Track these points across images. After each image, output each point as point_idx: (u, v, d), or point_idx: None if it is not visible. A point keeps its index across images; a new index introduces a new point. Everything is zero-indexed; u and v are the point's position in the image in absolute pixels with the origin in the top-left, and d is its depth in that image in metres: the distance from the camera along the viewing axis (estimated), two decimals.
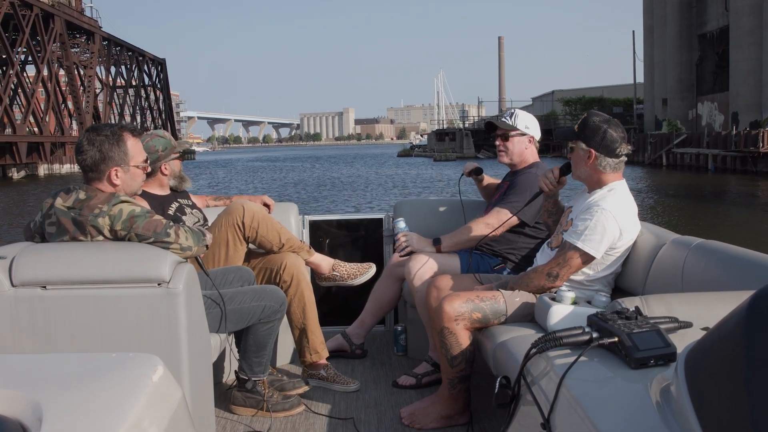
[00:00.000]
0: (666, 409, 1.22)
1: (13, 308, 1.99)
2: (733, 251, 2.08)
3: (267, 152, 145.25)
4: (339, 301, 3.83)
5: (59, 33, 48.44)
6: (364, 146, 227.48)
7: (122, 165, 2.18)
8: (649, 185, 26.38)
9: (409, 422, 2.59)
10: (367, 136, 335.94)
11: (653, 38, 44.28)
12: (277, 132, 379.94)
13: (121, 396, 1.29)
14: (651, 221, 2.38)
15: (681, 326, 1.61)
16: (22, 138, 40.62)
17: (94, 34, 57.16)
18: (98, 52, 57.75)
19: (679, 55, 40.70)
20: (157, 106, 77.15)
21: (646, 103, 47.35)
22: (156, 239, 2.11)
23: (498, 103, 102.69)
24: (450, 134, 66.04)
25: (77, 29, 55.58)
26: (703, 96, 39.85)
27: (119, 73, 67.80)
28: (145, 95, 73.60)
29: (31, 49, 45.22)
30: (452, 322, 2.36)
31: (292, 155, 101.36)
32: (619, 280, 2.48)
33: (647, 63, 46.73)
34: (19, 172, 40.67)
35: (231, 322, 2.50)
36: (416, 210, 3.58)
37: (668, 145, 34.34)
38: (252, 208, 2.91)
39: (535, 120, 3.16)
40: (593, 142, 2.34)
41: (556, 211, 2.68)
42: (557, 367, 1.52)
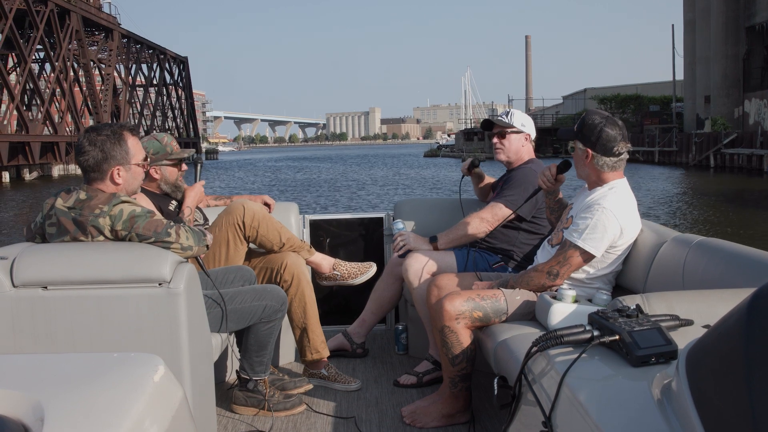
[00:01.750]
0: (667, 406, 1.22)
1: (14, 309, 1.99)
2: (733, 249, 2.08)
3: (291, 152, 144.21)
4: (340, 301, 3.83)
5: (75, 29, 47.09)
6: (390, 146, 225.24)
7: (124, 164, 2.19)
8: (696, 189, 24.37)
9: (410, 421, 2.59)
10: (393, 135, 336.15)
11: (695, 32, 41.88)
12: (303, 132, 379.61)
13: (123, 396, 1.29)
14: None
15: (682, 324, 1.61)
16: (36, 138, 39.47)
17: (112, 31, 55.75)
18: (117, 50, 56.31)
19: (725, 49, 38.12)
20: (178, 105, 75.74)
21: (686, 100, 44.97)
22: (157, 239, 2.11)
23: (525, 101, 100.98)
24: (479, 134, 64.02)
25: (95, 26, 54.16)
26: (751, 92, 37.04)
27: (140, 71, 66.22)
28: (166, 94, 72.19)
29: (46, 46, 44.08)
30: (453, 321, 2.36)
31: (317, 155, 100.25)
32: (620, 278, 2.48)
33: (688, 58, 44.35)
34: (32, 172, 39.67)
35: (232, 321, 2.50)
36: (416, 209, 3.59)
37: (716, 145, 32.29)
38: (252, 207, 2.91)
39: (530, 119, 3.22)
40: (589, 142, 2.34)
41: (558, 208, 2.69)
42: (558, 366, 1.52)
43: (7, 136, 37.34)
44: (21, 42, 40.23)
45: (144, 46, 65.40)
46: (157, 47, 68.41)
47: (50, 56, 44.97)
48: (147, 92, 67.99)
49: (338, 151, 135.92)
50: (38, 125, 41.24)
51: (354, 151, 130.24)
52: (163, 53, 70.32)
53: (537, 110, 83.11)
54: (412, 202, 3.76)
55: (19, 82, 42.15)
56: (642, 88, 65.19)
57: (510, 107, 19.72)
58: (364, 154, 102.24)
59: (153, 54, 68.10)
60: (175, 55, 74.68)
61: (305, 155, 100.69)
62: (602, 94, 62.61)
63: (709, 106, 39.65)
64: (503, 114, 3.19)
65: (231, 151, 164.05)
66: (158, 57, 69.28)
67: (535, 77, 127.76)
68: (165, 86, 71.85)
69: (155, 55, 68.56)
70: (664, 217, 16.44)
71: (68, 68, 46.58)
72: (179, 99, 76.00)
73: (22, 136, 38.82)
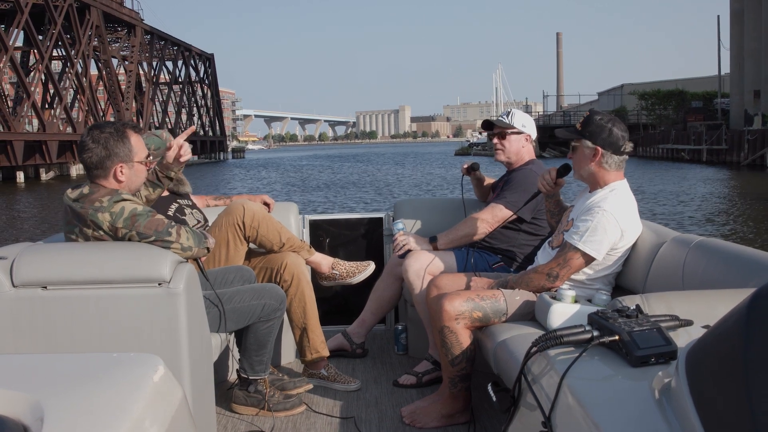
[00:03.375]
0: (667, 407, 1.22)
1: (14, 308, 1.99)
2: (733, 249, 2.08)
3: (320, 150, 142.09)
4: (339, 301, 3.83)
5: (96, 25, 45.61)
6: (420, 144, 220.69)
7: (127, 161, 2.21)
8: (750, 192, 21.09)
9: (410, 421, 2.59)
10: (422, 133, 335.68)
11: (743, 24, 38.81)
12: (333, 130, 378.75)
13: (122, 396, 1.29)
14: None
15: (682, 324, 1.61)
16: (53, 136, 37.70)
17: (135, 26, 54.10)
18: (140, 46, 54.68)
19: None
20: (204, 103, 74.23)
21: (732, 96, 41.82)
22: (157, 238, 2.11)
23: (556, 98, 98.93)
24: None
25: (117, 22, 52.75)
26: None
27: (164, 68, 64.34)
28: (191, 92, 70.48)
29: (65, 42, 41.94)
30: (453, 321, 2.36)
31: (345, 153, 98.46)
32: (619, 279, 2.48)
33: (735, 51, 41.11)
34: (48, 172, 38.36)
35: (231, 321, 2.50)
36: (416, 209, 3.59)
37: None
38: (252, 207, 2.91)
39: (531, 119, 3.21)
40: (600, 140, 2.34)
41: (558, 211, 2.69)
42: (558, 366, 1.52)
43: (22, 134, 36.16)
44: (38, 37, 39.01)
45: (168, 42, 63.78)
46: (182, 44, 66.75)
47: (69, 52, 42.99)
48: (171, 90, 66.39)
49: (367, 150, 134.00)
50: (54, 124, 39.86)
51: (383, 149, 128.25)
52: (188, 50, 68.62)
53: (570, 107, 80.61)
54: (412, 202, 3.76)
55: (41, 79, 41.08)
56: (682, 83, 60.10)
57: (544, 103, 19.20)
58: (394, 152, 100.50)
59: (178, 51, 66.43)
60: (201, 52, 72.94)
61: (334, 153, 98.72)
62: (640, 89, 58.13)
63: (760, 102, 36.91)
64: (504, 114, 3.19)
65: (260, 149, 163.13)
66: (183, 54, 67.63)
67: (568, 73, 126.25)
68: (190, 84, 70.23)
69: (180, 51, 66.85)
70: (730, 227, 14.15)
71: (88, 65, 45.16)
72: (204, 97, 74.50)
73: (39, 134, 37.52)
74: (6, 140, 34.12)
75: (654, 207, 17.09)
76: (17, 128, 35.98)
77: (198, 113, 72.36)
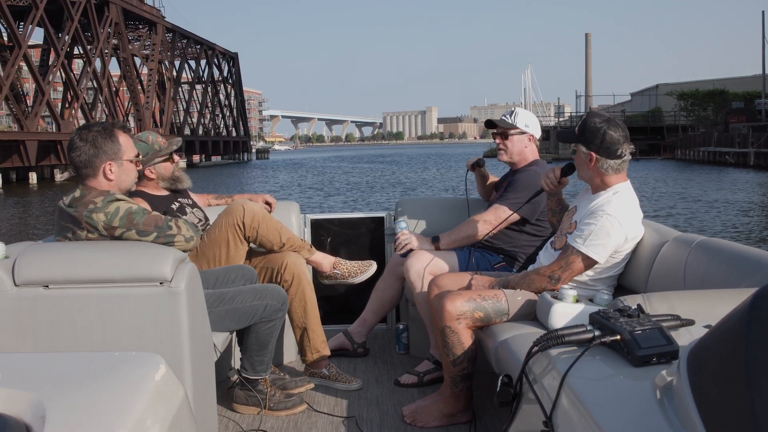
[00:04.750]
0: (668, 406, 1.22)
1: (16, 308, 1.99)
2: (735, 249, 2.08)
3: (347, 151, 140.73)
4: (340, 300, 3.83)
5: (114, 21, 44.64)
6: (447, 145, 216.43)
7: (116, 159, 2.21)
8: None
9: (411, 420, 2.59)
10: (449, 135, 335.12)
11: None
12: (359, 131, 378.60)
13: (124, 395, 1.29)
14: None
15: (683, 324, 1.61)
16: (68, 135, 36.31)
17: (156, 24, 53.02)
18: (161, 44, 53.58)
19: None
20: (227, 103, 73.03)
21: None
22: (159, 233, 2.12)
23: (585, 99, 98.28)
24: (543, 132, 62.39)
25: (138, 19, 51.54)
26: None
27: (187, 67, 63.18)
28: (214, 91, 69.20)
29: (81, 38, 41.22)
30: (454, 321, 2.35)
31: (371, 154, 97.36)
32: (621, 278, 2.48)
33: None
34: (63, 173, 37.41)
35: (233, 320, 2.51)
36: (418, 208, 3.59)
37: None
38: (252, 207, 2.91)
39: (535, 118, 3.16)
40: (593, 145, 2.32)
41: (560, 210, 2.68)
42: (559, 365, 1.52)
43: (35, 134, 35.41)
44: (53, 33, 38.04)
45: (191, 40, 62.63)
46: (204, 42, 65.44)
47: (86, 50, 42.16)
48: (194, 89, 65.17)
49: (394, 151, 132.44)
50: (71, 123, 39.03)
51: (410, 151, 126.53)
52: (211, 48, 67.24)
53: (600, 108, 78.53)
54: (413, 201, 3.76)
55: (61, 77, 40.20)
56: (721, 83, 58.62)
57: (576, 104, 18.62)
58: (420, 153, 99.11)
59: (201, 49, 65.20)
60: (225, 51, 71.56)
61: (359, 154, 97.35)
62: (677, 89, 56.85)
63: None
64: (507, 114, 3.16)
65: (287, 150, 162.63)
66: (206, 52, 66.34)
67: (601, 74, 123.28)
68: (213, 83, 68.94)
69: (203, 50, 65.61)
70: None
71: (107, 63, 44.29)
72: (228, 96, 73.22)
73: (53, 134, 36.74)
74: (18, 140, 33.53)
75: (712, 217, 15.87)
76: (30, 128, 35.32)
77: (221, 113, 71.15)
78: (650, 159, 46.11)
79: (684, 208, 18.12)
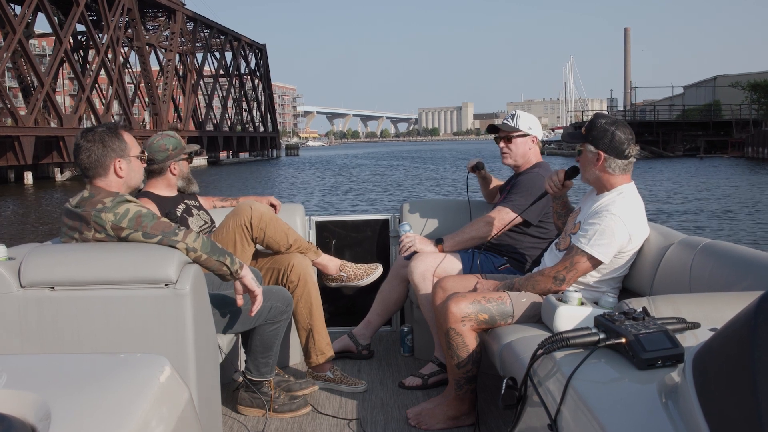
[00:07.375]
0: (673, 410, 1.22)
1: (22, 309, 2.00)
2: (740, 252, 2.07)
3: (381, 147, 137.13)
4: (345, 302, 3.83)
5: (128, 8, 41.36)
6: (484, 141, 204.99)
7: (124, 156, 2.23)
8: None
9: (415, 423, 2.59)
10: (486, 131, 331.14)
11: None
12: (395, 127, 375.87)
13: (129, 396, 1.29)
14: None
15: (688, 327, 1.60)
16: (70, 131, 32.79)
17: (174, 11, 49.53)
18: (181, 33, 49.88)
19: None
20: (254, 97, 68.89)
21: None
22: (164, 237, 2.12)
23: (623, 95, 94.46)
24: None
25: (156, 6, 48.23)
26: None
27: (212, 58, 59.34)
28: (239, 84, 64.92)
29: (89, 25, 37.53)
30: (459, 323, 2.35)
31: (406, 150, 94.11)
32: (626, 281, 2.47)
33: None
34: (64, 172, 34.63)
35: (238, 322, 2.51)
36: (422, 210, 3.59)
37: None
38: (259, 209, 2.92)
39: (537, 120, 3.19)
40: (602, 144, 2.33)
41: (565, 213, 2.68)
42: (564, 368, 1.51)
43: (32, 129, 31.44)
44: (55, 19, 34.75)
45: (214, 30, 58.43)
46: (229, 32, 61.12)
47: (95, 38, 38.36)
48: (217, 82, 60.93)
49: (429, 147, 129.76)
50: (74, 118, 35.13)
51: (446, 147, 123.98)
52: (237, 39, 62.80)
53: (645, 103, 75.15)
54: (418, 203, 3.76)
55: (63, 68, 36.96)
56: None
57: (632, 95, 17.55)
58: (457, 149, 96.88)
59: (225, 40, 61.00)
60: (252, 42, 66.92)
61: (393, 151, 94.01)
62: (739, 81, 49.63)
63: None
64: (508, 117, 3.18)
65: (321, 146, 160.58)
66: (231, 43, 62.16)
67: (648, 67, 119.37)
68: (239, 76, 64.58)
69: (228, 41, 61.41)
70: None
71: (118, 52, 40.60)
72: (255, 90, 69.03)
73: (53, 129, 33.32)
74: (12, 135, 30.02)
75: None
76: (26, 122, 31.87)
77: (248, 108, 67.25)
78: (713, 157, 41.34)
79: None
